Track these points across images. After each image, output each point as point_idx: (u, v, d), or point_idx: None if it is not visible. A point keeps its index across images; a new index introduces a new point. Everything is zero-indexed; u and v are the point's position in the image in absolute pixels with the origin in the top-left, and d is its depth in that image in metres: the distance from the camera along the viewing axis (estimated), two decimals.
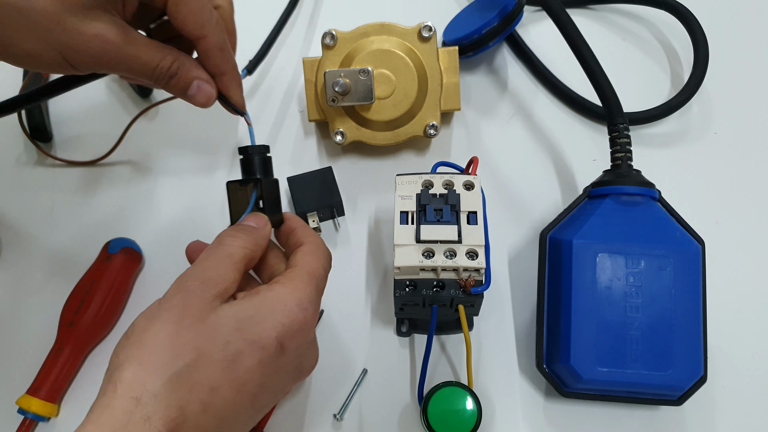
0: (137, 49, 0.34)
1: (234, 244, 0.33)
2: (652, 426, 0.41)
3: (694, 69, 0.50)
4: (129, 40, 0.33)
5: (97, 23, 0.32)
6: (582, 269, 0.38)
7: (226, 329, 0.30)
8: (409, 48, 0.46)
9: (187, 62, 0.36)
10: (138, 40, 0.34)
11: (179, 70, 0.36)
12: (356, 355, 0.44)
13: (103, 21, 0.32)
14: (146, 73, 0.35)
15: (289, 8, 0.54)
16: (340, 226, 0.48)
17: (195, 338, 0.29)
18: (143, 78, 0.36)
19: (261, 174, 0.38)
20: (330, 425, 0.42)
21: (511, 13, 0.47)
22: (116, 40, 0.32)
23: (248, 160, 0.38)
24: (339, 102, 0.44)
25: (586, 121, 0.51)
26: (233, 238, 0.34)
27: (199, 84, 0.37)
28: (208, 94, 0.37)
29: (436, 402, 0.36)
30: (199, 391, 0.28)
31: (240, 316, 0.30)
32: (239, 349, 0.29)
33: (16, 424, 0.41)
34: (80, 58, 0.32)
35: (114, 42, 0.32)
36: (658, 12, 0.54)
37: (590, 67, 0.43)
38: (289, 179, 0.46)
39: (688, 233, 0.40)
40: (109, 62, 0.33)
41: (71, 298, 0.44)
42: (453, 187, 0.39)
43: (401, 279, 0.37)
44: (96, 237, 0.47)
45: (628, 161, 0.42)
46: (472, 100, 0.52)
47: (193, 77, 0.37)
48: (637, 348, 0.37)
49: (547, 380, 0.41)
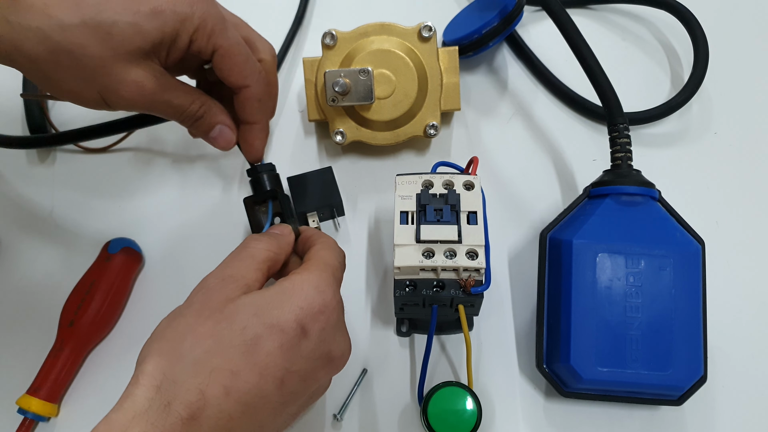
0: (169, 94, 0.36)
1: (257, 247, 0.35)
2: (652, 426, 0.41)
3: (694, 69, 0.50)
4: (164, 87, 0.35)
5: (137, 70, 0.33)
6: (582, 269, 0.38)
7: (243, 315, 0.30)
8: (409, 48, 0.46)
9: (213, 107, 0.39)
10: (171, 86, 0.36)
11: (205, 114, 0.38)
12: (356, 355, 0.44)
13: (144, 69, 0.34)
14: (174, 116, 0.37)
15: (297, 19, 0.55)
16: (340, 226, 0.48)
17: (213, 326, 0.30)
18: (171, 118, 0.38)
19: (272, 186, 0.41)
20: (330, 425, 0.42)
21: (511, 13, 0.47)
22: (152, 88, 0.34)
23: (258, 180, 0.41)
24: (339, 102, 0.44)
25: (586, 121, 0.51)
26: (257, 241, 0.35)
27: (222, 129, 0.39)
28: (228, 140, 0.40)
29: (436, 402, 0.36)
30: (220, 375, 0.28)
31: (258, 303, 0.31)
32: (258, 333, 0.30)
33: (16, 424, 0.41)
34: (117, 100, 0.34)
35: (150, 89, 0.34)
36: (658, 12, 0.54)
37: (590, 67, 0.43)
38: (289, 179, 0.46)
39: (688, 233, 0.40)
40: (143, 106, 0.35)
41: (71, 298, 0.44)
42: (453, 187, 0.39)
43: (401, 279, 0.37)
44: (96, 237, 0.47)
45: (628, 161, 0.42)
46: (472, 100, 0.52)
47: (217, 122, 0.39)
48: (637, 348, 0.37)
49: (547, 380, 0.41)
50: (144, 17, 0.32)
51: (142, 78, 0.34)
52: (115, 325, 0.45)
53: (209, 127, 0.39)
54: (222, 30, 0.36)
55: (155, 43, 0.33)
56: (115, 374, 0.44)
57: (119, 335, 0.45)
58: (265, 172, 0.41)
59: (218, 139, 0.39)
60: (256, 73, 0.38)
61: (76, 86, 0.33)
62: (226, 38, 0.36)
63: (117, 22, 0.32)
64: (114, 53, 0.32)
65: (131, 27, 0.32)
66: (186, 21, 0.34)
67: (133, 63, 0.33)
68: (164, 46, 0.34)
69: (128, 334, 0.45)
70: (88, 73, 0.32)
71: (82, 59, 0.32)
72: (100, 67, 0.32)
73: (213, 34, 0.35)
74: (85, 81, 0.33)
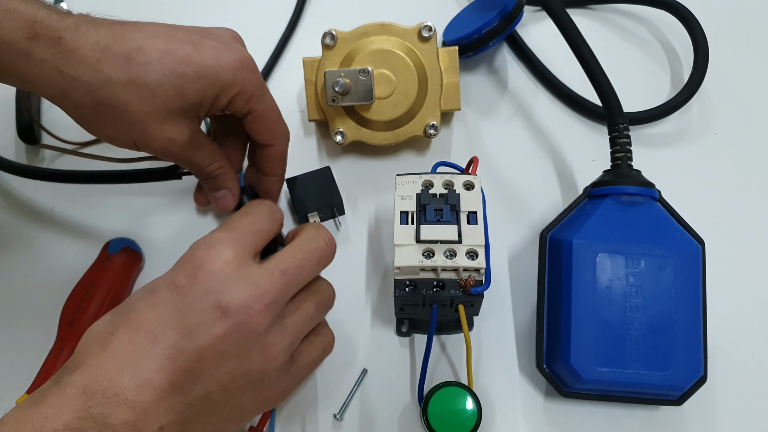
0: (195, 152, 0.38)
1: None
2: (652, 426, 0.41)
3: (694, 69, 0.50)
4: (191, 144, 0.37)
5: (172, 128, 0.35)
6: (582, 269, 0.38)
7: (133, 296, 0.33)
8: (409, 48, 0.46)
9: (228, 173, 0.41)
10: (199, 145, 0.38)
11: (219, 177, 0.40)
12: (356, 355, 0.44)
13: (178, 126, 0.35)
14: (193, 169, 0.39)
15: (295, 19, 0.55)
16: (341, 225, 0.48)
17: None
18: (189, 169, 0.40)
19: None
20: (330, 425, 0.42)
21: (511, 13, 0.47)
22: (181, 144, 0.36)
23: None
24: (339, 102, 0.44)
25: (586, 121, 0.51)
26: None
27: (226, 194, 0.41)
28: (227, 205, 0.42)
29: (436, 402, 0.36)
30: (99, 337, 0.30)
31: None
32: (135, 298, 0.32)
33: None
34: (148, 149, 0.36)
35: (179, 145, 0.36)
36: (658, 12, 0.54)
37: (590, 67, 0.43)
38: (288, 180, 0.46)
39: (688, 233, 0.40)
40: (170, 157, 0.37)
41: (71, 298, 0.44)
42: (453, 187, 0.39)
43: (401, 279, 0.37)
44: (96, 237, 0.47)
45: (628, 161, 0.42)
46: (472, 100, 0.52)
47: (226, 187, 0.41)
48: (637, 348, 0.37)
49: (547, 380, 0.41)
50: (188, 81, 0.34)
51: (175, 135, 0.35)
52: None
53: (217, 188, 0.41)
54: (260, 96, 0.38)
55: (194, 103, 0.35)
56: None
57: None
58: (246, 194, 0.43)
59: (219, 200, 0.41)
60: (284, 134, 0.41)
61: (114, 134, 0.35)
62: (261, 103, 0.38)
63: (163, 84, 0.33)
64: (153, 111, 0.34)
65: (174, 89, 0.34)
66: (228, 87, 0.35)
67: (169, 120, 0.35)
68: (204, 106, 0.36)
69: None
70: (126, 125, 0.34)
71: (123, 114, 0.33)
72: (138, 121, 0.34)
73: (251, 99, 0.37)
74: (123, 131, 0.35)
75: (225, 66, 0.35)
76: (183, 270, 0.32)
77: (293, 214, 0.48)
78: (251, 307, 0.31)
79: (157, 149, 0.36)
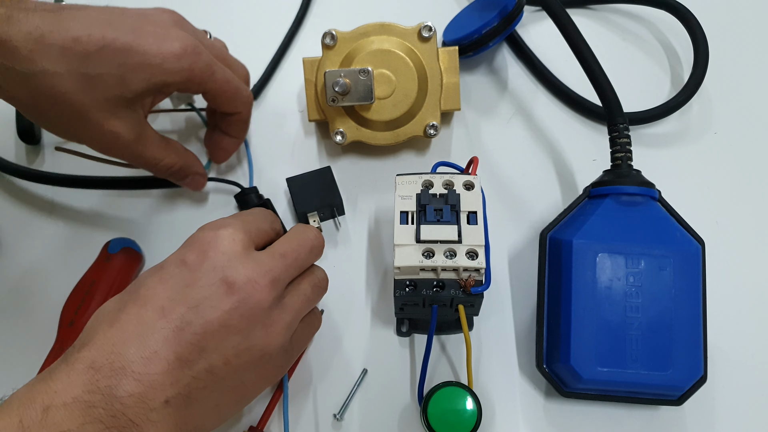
0: (144, 148, 0.37)
1: None
2: (652, 426, 0.41)
3: (694, 69, 0.50)
4: (140, 139, 0.36)
5: (115, 121, 0.34)
6: (582, 269, 0.38)
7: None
8: (409, 48, 0.46)
9: (184, 161, 0.41)
10: (148, 139, 0.37)
11: (180, 169, 0.41)
12: (356, 355, 0.44)
13: (122, 119, 0.35)
14: (148, 167, 0.40)
15: (298, 19, 0.55)
16: (340, 225, 0.48)
17: None
18: (146, 169, 0.40)
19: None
20: (330, 425, 0.42)
21: (511, 13, 0.47)
22: (128, 138, 0.35)
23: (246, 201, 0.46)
24: (339, 102, 0.44)
25: (586, 121, 0.51)
26: None
27: (194, 178, 0.43)
28: (199, 185, 0.44)
29: (436, 402, 0.36)
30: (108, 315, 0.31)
31: None
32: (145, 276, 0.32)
33: None
34: (95, 145, 0.36)
35: (125, 139, 0.35)
36: (658, 12, 0.54)
37: (590, 67, 0.43)
38: (288, 180, 0.46)
39: (688, 233, 0.40)
40: (116, 153, 0.37)
41: (71, 298, 0.44)
42: (453, 187, 0.39)
43: (401, 279, 0.37)
44: (96, 237, 0.47)
45: (628, 161, 0.42)
46: (472, 100, 0.52)
47: (189, 173, 0.42)
48: (637, 348, 0.37)
49: (547, 380, 0.41)
50: (130, 70, 0.33)
51: (120, 129, 0.35)
52: None
53: (182, 178, 0.43)
54: (210, 75, 0.37)
55: (138, 93, 0.34)
56: None
57: None
58: (253, 193, 0.46)
59: (190, 184, 0.43)
60: (246, 101, 0.41)
61: (56, 129, 0.34)
62: (213, 81, 0.38)
63: (101, 74, 0.32)
64: (94, 101, 0.33)
65: (115, 79, 0.33)
66: (173, 74, 0.35)
67: (112, 112, 0.34)
68: (149, 94, 0.35)
69: None
70: (67, 118, 0.33)
71: (63, 106, 0.32)
72: (78, 113, 0.33)
73: (201, 81, 0.37)
74: (65, 124, 0.34)
75: (168, 55, 0.34)
76: (192, 248, 0.32)
77: (293, 214, 0.48)
78: (257, 282, 0.32)
79: (101, 145, 0.35)
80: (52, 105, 0.33)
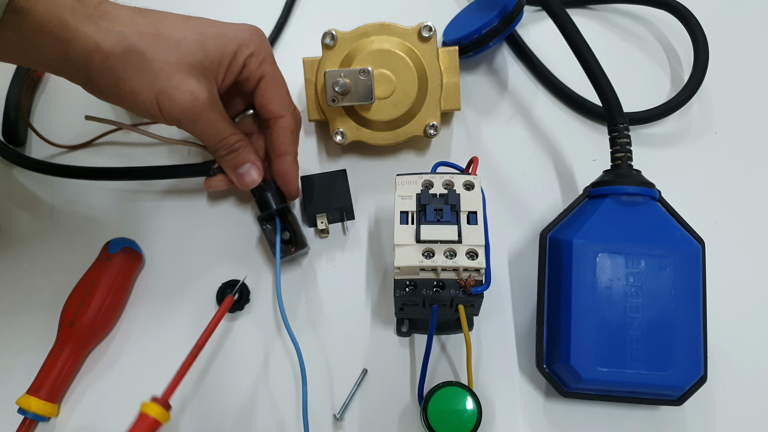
0: (217, 117, 0.39)
1: None
2: (652, 426, 0.41)
3: (694, 69, 0.50)
4: (214, 106, 0.39)
5: (195, 82, 0.37)
6: (582, 269, 0.38)
7: None
8: (409, 48, 0.46)
9: (249, 146, 0.42)
10: (220, 110, 0.40)
11: (241, 149, 0.41)
12: (356, 355, 0.44)
13: (201, 83, 0.37)
14: (213, 140, 0.40)
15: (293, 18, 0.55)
16: (348, 229, 0.47)
17: None
18: (207, 144, 0.41)
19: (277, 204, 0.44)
20: (330, 425, 0.42)
21: (511, 13, 0.47)
22: (205, 101, 0.37)
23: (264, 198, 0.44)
24: (339, 102, 0.44)
25: (586, 121, 0.51)
26: None
27: (251, 167, 0.42)
28: (254, 179, 0.43)
29: (436, 402, 0.36)
30: None
31: None
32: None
33: (16, 424, 0.41)
34: (170, 105, 0.37)
35: (202, 101, 0.37)
36: (658, 12, 0.54)
37: (590, 67, 0.43)
38: (302, 178, 0.46)
39: (688, 233, 0.40)
40: (190, 118, 0.38)
41: (71, 298, 0.44)
42: (453, 187, 0.39)
43: (401, 279, 0.37)
44: (96, 237, 0.47)
45: (628, 161, 0.42)
46: (472, 100, 0.52)
47: (249, 160, 0.42)
48: (637, 348, 0.37)
49: (547, 380, 0.41)
50: (209, 38, 0.38)
51: (198, 89, 0.37)
52: (115, 325, 0.45)
53: (241, 163, 0.42)
54: (271, 61, 0.41)
55: (215, 61, 0.38)
56: (115, 374, 0.44)
57: (119, 335, 0.45)
58: (270, 190, 0.44)
59: (245, 176, 0.42)
60: (291, 106, 0.42)
61: (138, 85, 0.36)
62: (273, 68, 0.41)
63: (186, 38, 0.37)
64: (178, 61, 0.36)
65: (196, 44, 0.37)
66: (244, 46, 0.39)
67: (192, 74, 0.37)
68: (222, 66, 0.39)
69: (128, 334, 0.45)
70: (151, 73, 0.36)
71: (150, 61, 0.36)
72: (163, 71, 0.36)
73: (264, 62, 0.40)
74: (148, 83, 0.36)
75: (241, 30, 0.39)
76: None
77: (303, 212, 0.48)
78: None
79: (180, 104, 0.37)
80: (141, 61, 0.36)
